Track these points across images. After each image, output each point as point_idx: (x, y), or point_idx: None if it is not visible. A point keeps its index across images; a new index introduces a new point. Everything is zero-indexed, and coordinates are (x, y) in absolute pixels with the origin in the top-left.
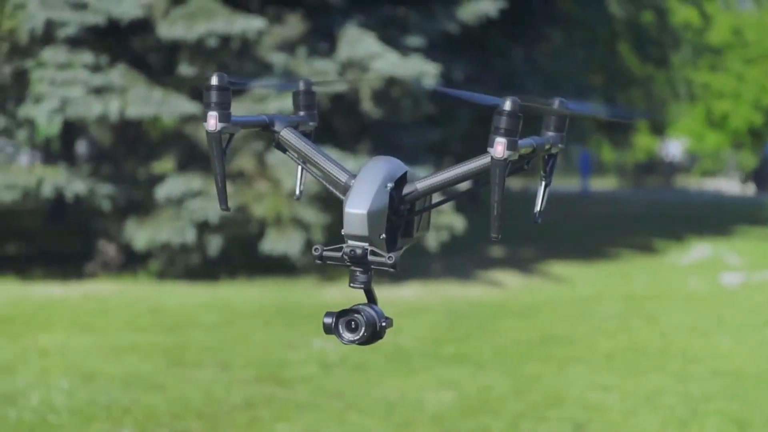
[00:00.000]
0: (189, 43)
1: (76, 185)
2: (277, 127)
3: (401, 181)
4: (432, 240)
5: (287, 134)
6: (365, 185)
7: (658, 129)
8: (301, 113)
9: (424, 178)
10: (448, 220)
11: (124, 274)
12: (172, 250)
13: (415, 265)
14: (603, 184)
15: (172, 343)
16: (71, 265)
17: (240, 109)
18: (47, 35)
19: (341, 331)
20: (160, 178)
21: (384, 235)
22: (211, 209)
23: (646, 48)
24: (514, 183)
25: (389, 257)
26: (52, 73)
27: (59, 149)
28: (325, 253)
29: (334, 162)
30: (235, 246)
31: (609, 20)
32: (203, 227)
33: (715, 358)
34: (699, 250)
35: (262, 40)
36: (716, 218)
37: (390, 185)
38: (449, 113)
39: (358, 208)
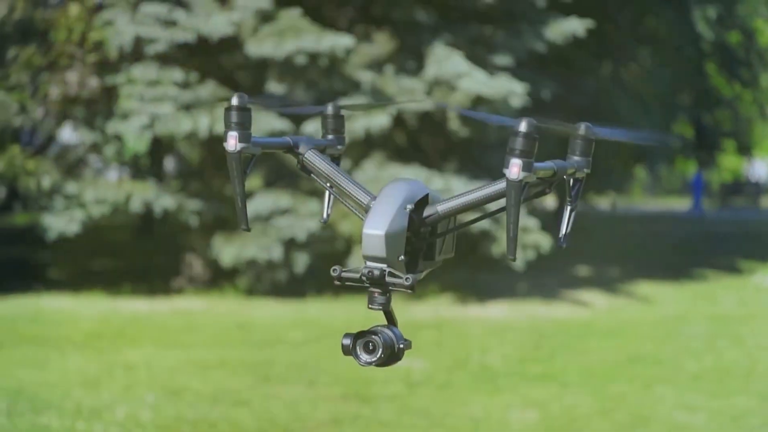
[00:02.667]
0: (278, 60)
1: (164, 200)
2: (301, 149)
3: (422, 203)
4: (518, 259)
5: (311, 156)
6: (384, 207)
7: (745, 149)
8: (330, 137)
9: (445, 201)
10: (535, 238)
11: (212, 290)
12: (259, 266)
13: (501, 285)
14: (689, 204)
15: (259, 360)
16: (159, 281)
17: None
18: (136, 52)
19: (359, 353)
20: (247, 195)
21: (402, 257)
22: (298, 227)
23: (733, 68)
24: (602, 202)
25: (407, 278)
26: (142, 89)
27: (148, 165)
28: (343, 274)
29: (356, 184)
30: (321, 263)
31: (696, 40)
32: (290, 244)
33: None
34: None
35: (350, 58)
36: None
37: (409, 207)
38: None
39: (376, 229)
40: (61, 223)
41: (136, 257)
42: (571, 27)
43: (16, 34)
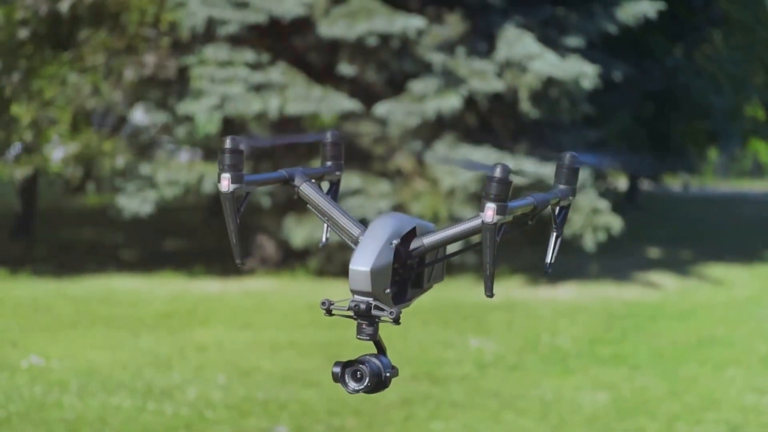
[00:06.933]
0: (349, 41)
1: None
2: (297, 182)
3: (410, 236)
4: (589, 241)
5: (306, 189)
6: (370, 243)
7: None
8: (329, 163)
9: (430, 234)
10: (606, 220)
11: (282, 271)
12: (329, 247)
13: (571, 266)
14: (761, 186)
15: (330, 340)
16: (230, 262)
17: (399, 109)
18: (208, 33)
19: (347, 380)
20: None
21: (389, 290)
22: (368, 207)
23: None
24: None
25: (391, 312)
26: (213, 70)
27: (219, 146)
28: (332, 307)
29: (347, 216)
30: None
31: None
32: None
33: None
34: None
35: (422, 40)
36: None
37: (395, 242)
38: (607, 113)
39: (361, 265)
40: (134, 204)
41: (208, 238)
42: (642, 9)
43: (89, 17)
